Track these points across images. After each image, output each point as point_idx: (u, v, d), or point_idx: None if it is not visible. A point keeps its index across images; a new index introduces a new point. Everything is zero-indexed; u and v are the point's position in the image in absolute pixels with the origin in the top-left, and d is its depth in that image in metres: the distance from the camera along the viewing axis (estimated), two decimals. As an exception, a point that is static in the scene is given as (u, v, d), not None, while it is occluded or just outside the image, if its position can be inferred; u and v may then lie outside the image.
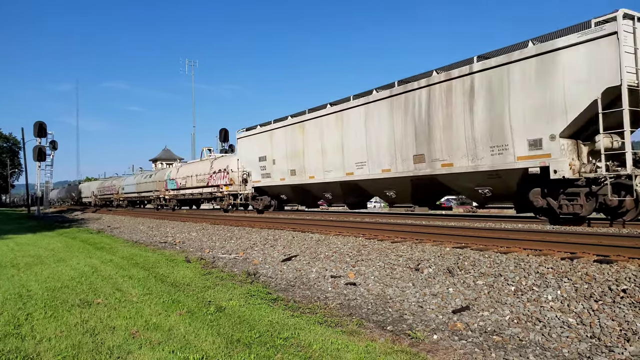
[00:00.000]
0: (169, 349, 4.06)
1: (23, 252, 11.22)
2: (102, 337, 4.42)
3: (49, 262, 9.48)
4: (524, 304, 5.02)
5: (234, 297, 6.02)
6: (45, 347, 4.18)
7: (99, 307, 5.59)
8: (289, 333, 4.48)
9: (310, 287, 6.90)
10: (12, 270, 8.50)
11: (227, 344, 4.19)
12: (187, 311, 5.31)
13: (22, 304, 5.79)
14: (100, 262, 9.40)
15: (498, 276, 5.87)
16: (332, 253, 8.69)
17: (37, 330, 4.71)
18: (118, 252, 11.03)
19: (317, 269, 7.84)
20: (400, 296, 5.96)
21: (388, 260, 7.52)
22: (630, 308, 4.47)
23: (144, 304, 5.70)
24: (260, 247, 10.71)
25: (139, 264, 9.01)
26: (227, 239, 12.61)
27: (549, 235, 7.68)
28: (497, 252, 6.79)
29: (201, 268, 8.50)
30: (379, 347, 4.12)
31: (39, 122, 39.48)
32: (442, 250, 7.44)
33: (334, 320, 5.04)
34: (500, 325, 4.69)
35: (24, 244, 13.55)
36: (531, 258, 6.23)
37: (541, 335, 4.32)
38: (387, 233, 9.83)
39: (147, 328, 4.69)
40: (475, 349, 4.13)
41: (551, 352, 4.00)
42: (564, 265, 5.71)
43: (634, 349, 3.84)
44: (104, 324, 4.84)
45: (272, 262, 8.93)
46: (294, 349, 4.06)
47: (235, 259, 9.78)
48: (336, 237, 10.07)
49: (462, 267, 6.46)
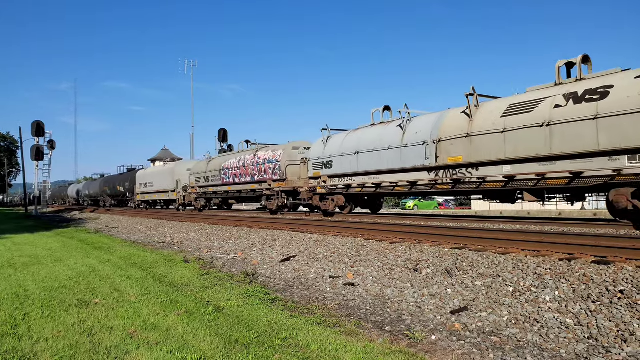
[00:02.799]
0: (167, 349, 4.06)
1: (20, 252, 11.20)
2: (100, 337, 4.41)
3: (47, 262, 9.46)
4: (522, 305, 5.02)
5: (233, 298, 6.01)
6: (43, 348, 4.17)
7: (96, 307, 5.58)
8: (287, 333, 4.48)
9: (308, 287, 6.89)
10: (9, 270, 8.48)
11: (225, 344, 4.19)
12: (186, 311, 5.31)
13: (20, 304, 5.78)
14: (98, 262, 9.38)
15: (496, 277, 5.87)
16: (330, 253, 8.69)
17: (34, 330, 4.70)
18: (116, 252, 11.01)
19: (316, 270, 7.84)
20: (399, 297, 5.97)
21: (387, 260, 7.52)
22: (627, 309, 4.48)
23: (142, 304, 5.69)
24: (258, 247, 10.71)
25: (137, 264, 9.00)
26: (225, 239, 12.60)
27: (547, 236, 7.70)
28: (495, 253, 6.80)
29: (199, 268, 8.49)
30: (377, 348, 4.12)
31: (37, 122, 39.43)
32: (441, 251, 7.45)
33: (332, 320, 5.04)
34: (498, 326, 4.70)
35: (21, 243, 13.52)
36: (529, 259, 6.24)
37: (539, 336, 4.33)
38: (385, 234, 9.84)
39: (145, 328, 4.68)
40: (473, 349, 4.14)
41: (549, 352, 4.00)
42: (562, 266, 5.72)
43: (631, 349, 3.85)
44: (101, 324, 4.83)
45: (271, 263, 8.92)
46: (292, 350, 4.05)
47: (234, 259, 9.78)
48: (335, 237, 10.07)
49: (460, 268, 6.46)
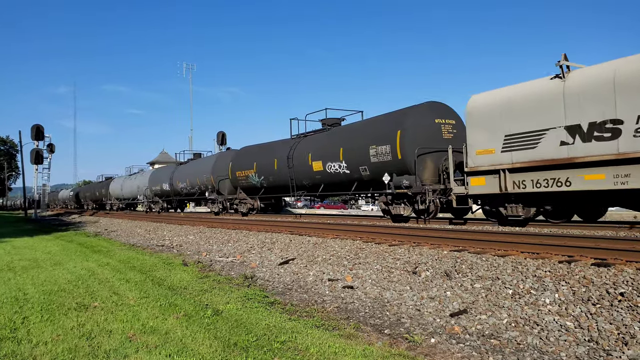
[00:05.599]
0: (166, 352, 4.04)
1: (20, 256, 11.18)
2: (99, 341, 4.40)
3: (46, 265, 9.45)
4: (522, 308, 5.01)
5: (231, 301, 6.00)
6: (42, 351, 4.16)
7: (95, 310, 5.57)
8: (286, 337, 4.47)
9: (307, 290, 6.88)
10: (8, 273, 8.46)
11: (224, 347, 4.18)
12: (184, 314, 5.30)
13: (19, 308, 5.76)
14: (97, 265, 9.37)
15: (495, 279, 5.86)
16: (329, 256, 8.68)
17: (33, 334, 4.69)
18: (115, 256, 10.99)
19: (315, 272, 7.83)
20: (398, 299, 5.95)
21: (385, 263, 7.51)
22: (628, 311, 4.47)
23: (141, 307, 5.68)
24: (257, 250, 10.69)
25: (136, 267, 8.98)
26: (224, 242, 12.59)
27: (546, 238, 7.69)
28: (494, 255, 6.79)
29: (198, 271, 8.47)
30: (376, 351, 4.11)
31: (36, 125, 39.48)
32: (440, 253, 7.44)
33: (331, 323, 5.03)
34: (498, 328, 4.69)
35: (20, 247, 13.50)
36: (528, 261, 6.23)
37: (539, 339, 4.32)
38: (384, 236, 9.83)
39: (144, 331, 4.67)
40: (473, 352, 4.13)
41: (549, 355, 3.99)
42: (562, 269, 5.71)
43: (632, 352, 3.84)
44: (100, 328, 4.82)
45: (270, 266, 8.91)
46: (291, 353, 4.04)
47: (233, 262, 9.76)
48: (333, 240, 10.06)
49: (459, 271, 6.45)
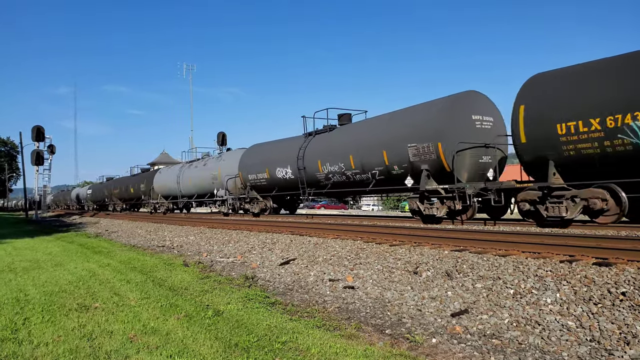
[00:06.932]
0: (167, 353, 4.04)
1: (21, 257, 11.18)
2: (100, 342, 4.40)
3: (47, 266, 9.45)
4: (523, 307, 5.00)
5: (232, 301, 6.00)
6: (43, 352, 4.16)
7: (96, 311, 5.57)
8: (287, 337, 4.47)
9: (308, 290, 6.88)
10: (9, 274, 8.46)
11: (225, 348, 4.17)
12: (185, 315, 5.29)
13: (20, 309, 5.76)
14: (98, 266, 9.37)
15: (497, 279, 5.86)
16: (330, 256, 8.67)
17: (34, 334, 4.69)
18: (116, 256, 10.99)
19: (315, 273, 7.82)
20: (399, 299, 5.95)
21: (386, 263, 7.51)
22: (629, 311, 4.46)
23: (142, 308, 5.68)
24: (258, 250, 10.68)
25: (137, 268, 8.98)
26: (225, 242, 12.58)
27: (548, 238, 7.67)
28: (495, 255, 6.78)
29: (199, 272, 8.47)
30: (377, 351, 4.11)
31: (37, 126, 39.46)
32: (441, 253, 7.43)
33: (332, 324, 5.03)
34: (499, 328, 4.68)
35: (21, 248, 13.50)
36: (530, 261, 6.22)
37: (540, 339, 4.31)
38: (385, 236, 9.82)
39: (145, 332, 4.67)
40: (474, 352, 4.12)
41: (551, 355, 3.98)
42: (563, 268, 5.70)
43: (634, 352, 3.83)
44: (101, 329, 4.82)
45: (270, 266, 8.90)
46: (292, 353, 4.04)
47: (233, 262, 9.76)
48: (334, 240, 10.05)
49: (460, 270, 6.44)
